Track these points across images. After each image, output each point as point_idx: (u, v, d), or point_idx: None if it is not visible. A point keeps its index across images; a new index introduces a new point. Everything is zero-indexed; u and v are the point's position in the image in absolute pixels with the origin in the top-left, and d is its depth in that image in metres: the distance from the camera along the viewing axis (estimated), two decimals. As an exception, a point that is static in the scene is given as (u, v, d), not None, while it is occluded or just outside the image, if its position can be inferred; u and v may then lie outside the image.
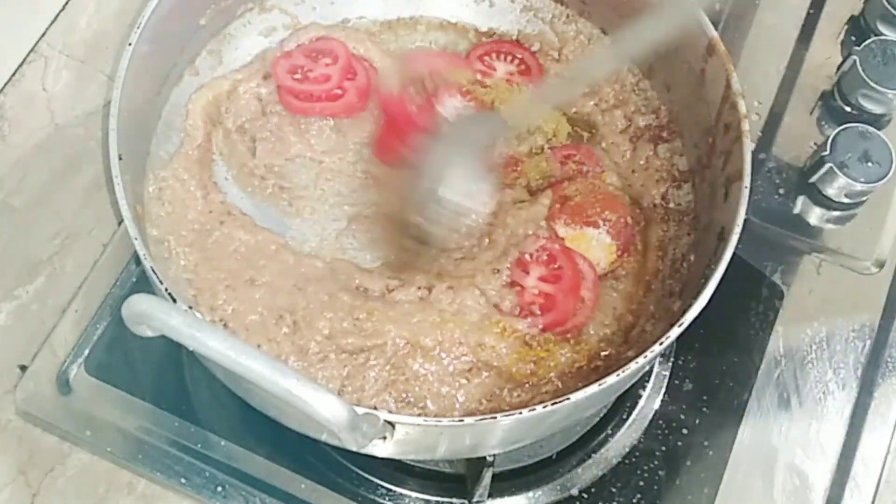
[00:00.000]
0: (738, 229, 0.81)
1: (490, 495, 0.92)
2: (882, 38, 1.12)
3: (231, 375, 0.67)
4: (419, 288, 0.91)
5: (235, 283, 0.91)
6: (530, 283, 0.92)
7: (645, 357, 0.76)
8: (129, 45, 0.85)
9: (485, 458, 0.88)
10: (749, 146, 0.85)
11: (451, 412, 0.87)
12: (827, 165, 1.05)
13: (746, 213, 0.82)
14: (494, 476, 0.90)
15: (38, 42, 1.08)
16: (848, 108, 1.13)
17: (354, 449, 0.70)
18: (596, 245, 0.95)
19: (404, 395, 0.87)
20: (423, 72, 1.03)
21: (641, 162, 1.00)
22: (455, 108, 1.01)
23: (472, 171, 0.92)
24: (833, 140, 1.06)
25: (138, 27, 0.86)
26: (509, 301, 0.91)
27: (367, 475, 0.94)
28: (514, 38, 1.08)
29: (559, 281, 0.92)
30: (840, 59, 1.15)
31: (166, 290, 0.75)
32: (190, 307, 0.73)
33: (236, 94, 1.01)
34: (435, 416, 0.86)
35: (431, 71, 1.03)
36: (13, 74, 1.06)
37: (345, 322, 0.89)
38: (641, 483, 0.95)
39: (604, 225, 0.95)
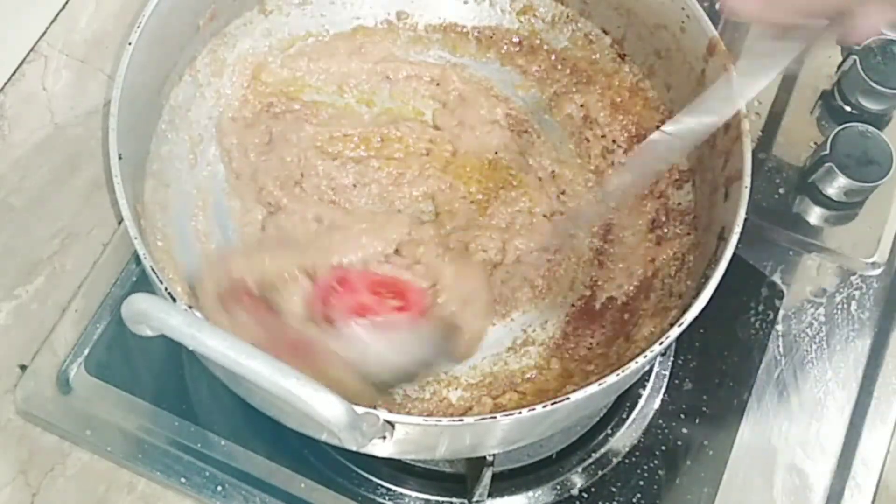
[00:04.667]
0: (738, 229, 0.81)
1: (490, 495, 0.92)
2: (882, 37, 1.11)
3: (231, 375, 0.67)
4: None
5: None
6: None
7: (645, 357, 0.76)
8: (129, 44, 0.85)
9: (485, 457, 0.87)
10: (749, 146, 0.85)
11: None
12: (827, 165, 1.05)
13: (746, 213, 0.82)
14: (494, 476, 0.90)
15: (38, 42, 1.07)
16: (848, 108, 1.13)
17: (354, 448, 0.70)
18: None
19: None
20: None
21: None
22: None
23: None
24: (833, 140, 1.05)
25: (138, 27, 0.86)
26: None
27: (367, 475, 0.94)
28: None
29: None
30: (840, 59, 1.15)
31: (166, 289, 0.75)
32: (190, 307, 0.72)
33: None
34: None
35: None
36: (13, 74, 1.05)
37: None
38: (641, 483, 0.95)
39: None
